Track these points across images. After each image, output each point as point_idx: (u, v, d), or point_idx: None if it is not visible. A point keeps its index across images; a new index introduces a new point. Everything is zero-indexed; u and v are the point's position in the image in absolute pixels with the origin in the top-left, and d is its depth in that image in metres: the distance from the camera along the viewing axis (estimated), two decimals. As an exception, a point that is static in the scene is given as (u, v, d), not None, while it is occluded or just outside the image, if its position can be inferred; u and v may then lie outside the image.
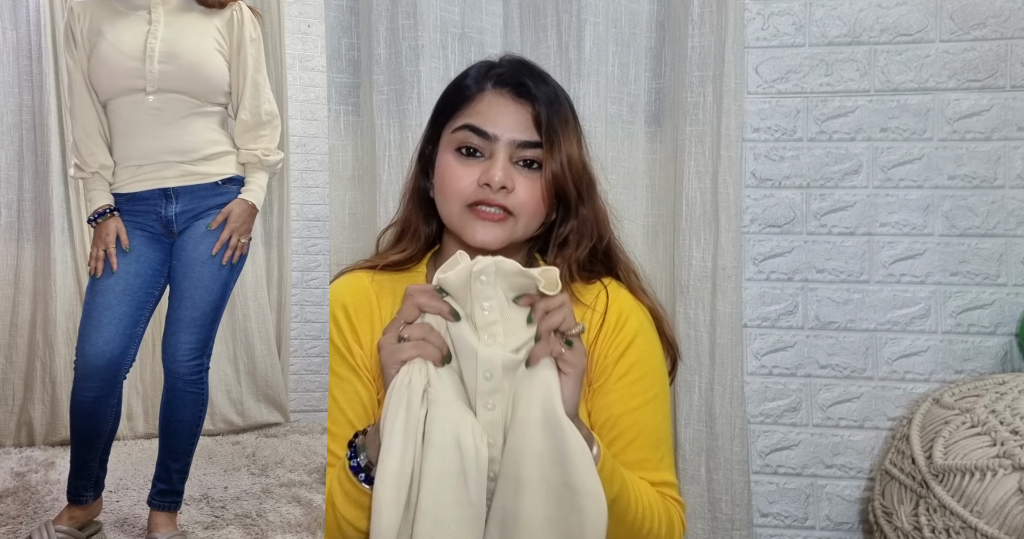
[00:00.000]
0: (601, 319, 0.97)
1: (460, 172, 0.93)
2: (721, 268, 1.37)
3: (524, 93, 0.95)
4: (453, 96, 0.98)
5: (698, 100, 1.38)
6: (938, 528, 1.14)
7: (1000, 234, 1.44)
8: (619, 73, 1.40)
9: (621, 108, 1.41)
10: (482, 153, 0.93)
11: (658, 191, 1.46)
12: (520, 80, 0.95)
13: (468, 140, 0.93)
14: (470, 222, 0.92)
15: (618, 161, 1.41)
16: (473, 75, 0.98)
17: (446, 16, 1.38)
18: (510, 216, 0.92)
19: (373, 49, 1.36)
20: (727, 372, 1.38)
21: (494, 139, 0.92)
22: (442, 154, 0.96)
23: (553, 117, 0.94)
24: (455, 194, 0.93)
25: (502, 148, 0.92)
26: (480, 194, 0.91)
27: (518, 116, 0.94)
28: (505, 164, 0.92)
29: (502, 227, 0.92)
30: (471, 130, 0.93)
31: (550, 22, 1.39)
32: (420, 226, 1.02)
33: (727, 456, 1.38)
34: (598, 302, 0.99)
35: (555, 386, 0.76)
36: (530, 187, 0.93)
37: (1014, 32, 1.42)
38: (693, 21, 1.37)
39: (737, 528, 1.39)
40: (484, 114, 0.94)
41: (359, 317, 0.97)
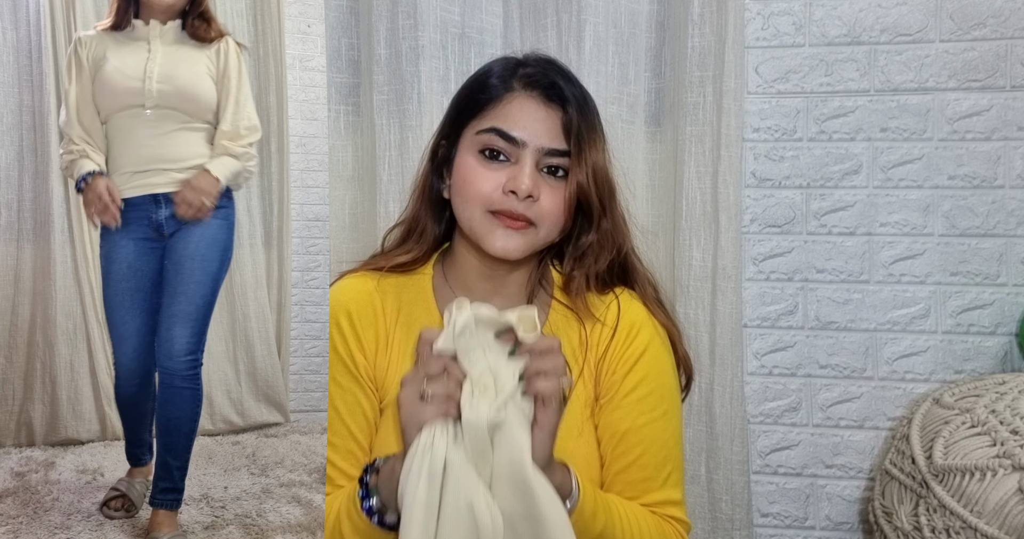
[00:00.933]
0: (611, 333, 0.94)
1: (484, 176, 0.89)
2: (721, 268, 1.37)
3: (555, 96, 0.90)
4: (478, 94, 0.93)
5: (698, 100, 1.38)
6: (938, 528, 1.14)
7: (1000, 234, 1.44)
8: (619, 73, 1.40)
9: (621, 108, 1.41)
10: (507, 157, 0.89)
11: (658, 191, 1.46)
12: (551, 80, 0.91)
13: (494, 143, 0.89)
14: (492, 229, 0.88)
15: (618, 161, 1.41)
16: (498, 73, 0.93)
17: (446, 16, 1.38)
18: (531, 225, 0.89)
19: (373, 49, 1.36)
20: (727, 372, 1.38)
21: (522, 145, 0.88)
22: (463, 155, 0.92)
23: (583, 123, 0.90)
24: (477, 198, 0.89)
25: (530, 154, 0.88)
26: (504, 202, 0.87)
27: (548, 122, 0.90)
28: (532, 172, 0.88)
29: (524, 236, 0.89)
30: (498, 134, 0.88)
31: (550, 22, 1.39)
32: (429, 226, 0.98)
33: (727, 456, 1.38)
34: (608, 314, 0.96)
35: (525, 444, 0.75)
36: (554, 196, 0.89)
37: (1014, 32, 1.42)
38: (693, 21, 1.37)
39: (737, 528, 1.39)
40: (513, 118, 0.89)
41: (363, 324, 0.94)
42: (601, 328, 0.95)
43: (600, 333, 0.95)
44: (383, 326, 0.95)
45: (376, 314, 0.95)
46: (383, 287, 0.97)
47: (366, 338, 0.94)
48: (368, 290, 0.97)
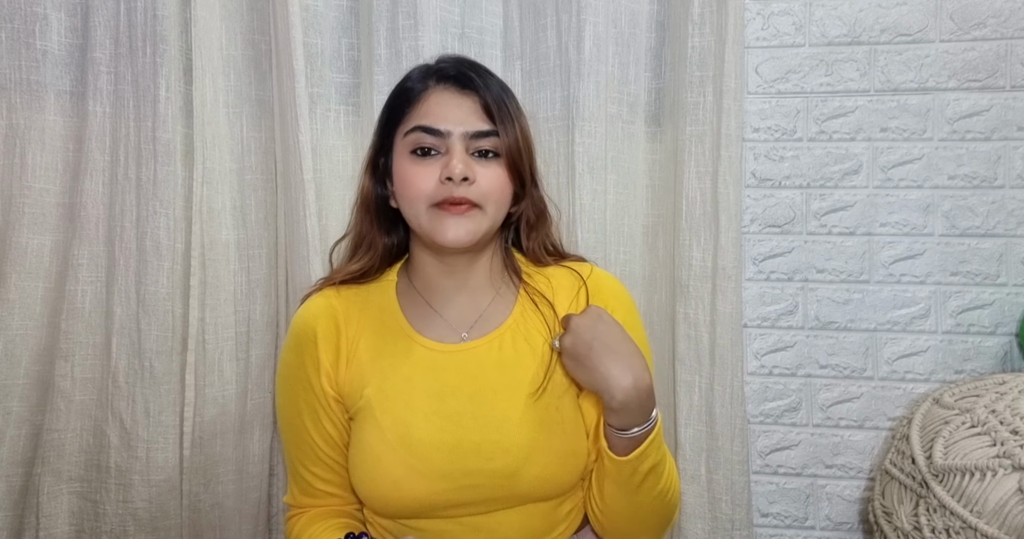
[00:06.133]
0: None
1: (420, 173, 0.92)
2: (721, 268, 1.37)
3: (468, 84, 0.95)
4: (398, 100, 0.98)
5: (698, 100, 1.38)
6: (938, 528, 1.14)
7: (1000, 234, 1.44)
8: (619, 73, 1.40)
9: (621, 108, 1.41)
10: (438, 151, 0.92)
11: (658, 191, 1.45)
12: (462, 72, 0.96)
13: (422, 141, 0.93)
14: (439, 220, 0.91)
15: (618, 161, 1.41)
16: (415, 77, 0.98)
17: (446, 16, 1.38)
18: (476, 207, 0.92)
19: (373, 49, 1.36)
20: (727, 372, 1.38)
21: (447, 135, 0.92)
22: (398, 160, 0.96)
23: (502, 102, 0.94)
24: (419, 195, 0.92)
25: (457, 142, 0.92)
26: (444, 191, 0.91)
27: (467, 107, 0.94)
28: (463, 156, 0.92)
29: (471, 220, 0.92)
30: (423, 130, 0.92)
31: (550, 22, 1.39)
32: (376, 237, 1.01)
33: (727, 456, 1.38)
34: (579, 297, 1.00)
35: None
36: (490, 175, 0.93)
37: (1014, 32, 1.42)
38: (693, 21, 1.37)
39: (737, 528, 1.38)
40: (434, 112, 0.93)
41: (326, 346, 0.97)
42: (576, 305, 0.99)
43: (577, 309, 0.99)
44: (345, 337, 0.97)
45: (338, 327, 0.98)
46: (343, 296, 1.00)
47: (326, 358, 0.97)
48: (325, 305, 0.99)
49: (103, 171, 1.31)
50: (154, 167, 1.29)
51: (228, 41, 1.37)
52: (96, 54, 1.29)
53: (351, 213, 1.04)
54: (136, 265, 1.30)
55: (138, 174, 1.30)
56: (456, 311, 0.99)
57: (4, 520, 1.28)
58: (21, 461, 1.30)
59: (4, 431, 1.28)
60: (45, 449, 1.29)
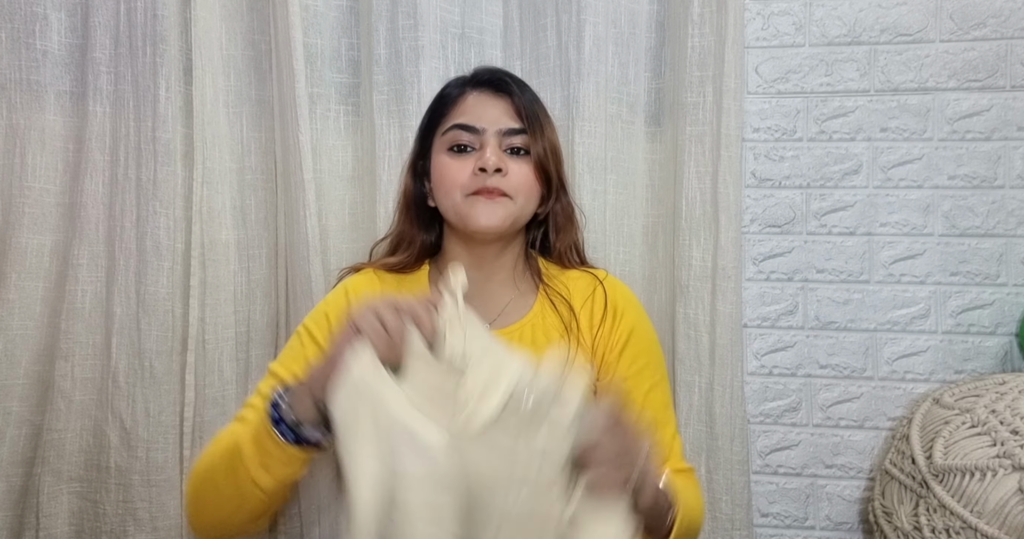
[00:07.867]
0: (600, 318, 1.04)
1: (456, 167, 1.00)
2: (721, 268, 1.37)
3: (503, 88, 1.04)
4: (437, 105, 1.08)
5: (698, 100, 1.38)
6: (938, 528, 1.14)
7: (1000, 234, 1.44)
8: (619, 73, 1.40)
9: (621, 108, 1.41)
10: (473, 147, 1.01)
11: (658, 191, 1.45)
12: (497, 77, 1.06)
13: (458, 138, 1.01)
14: (473, 206, 0.99)
15: (618, 161, 1.41)
16: (453, 84, 1.10)
17: (446, 16, 1.38)
18: (507, 197, 1.00)
19: (373, 49, 1.36)
20: (727, 372, 1.37)
21: (482, 132, 1.01)
22: (436, 157, 1.04)
23: (533, 107, 1.04)
24: (455, 186, 1.00)
25: (491, 138, 1.00)
26: (478, 181, 0.99)
27: (501, 108, 1.03)
28: (496, 150, 1.00)
29: (503, 206, 1.00)
30: (460, 128, 1.01)
31: (550, 22, 1.39)
32: (416, 236, 1.09)
33: (727, 456, 1.38)
34: (595, 296, 1.06)
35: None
36: (521, 170, 1.01)
37: (1014, 32, 1.42)
38: (693, 21, 1.37)
39: (737, 528, 1.38)
40: (470, 112, 1.03)
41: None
42: (590, 315, 1.05)
43: (591, 318, 1.05)
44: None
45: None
46: (382, 278, 1.09)
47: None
48: (375, 280, 1.08)
49: (103, 171, 1.31)
50: (154, 167, 1.29)
51: (228, 41, 1.37)
52: (96, 54, 1.29)
53: (393, 216, 1.14)
54: (136, 265, 1.30)
55: (138, 174, 1.30)
56: (480, 302, 1.02)
57: (4, 520, 1.28)
58: (21, 461, 1.30)
59: (4, 431, 1.28)
60: (45, 449, 1.29)
